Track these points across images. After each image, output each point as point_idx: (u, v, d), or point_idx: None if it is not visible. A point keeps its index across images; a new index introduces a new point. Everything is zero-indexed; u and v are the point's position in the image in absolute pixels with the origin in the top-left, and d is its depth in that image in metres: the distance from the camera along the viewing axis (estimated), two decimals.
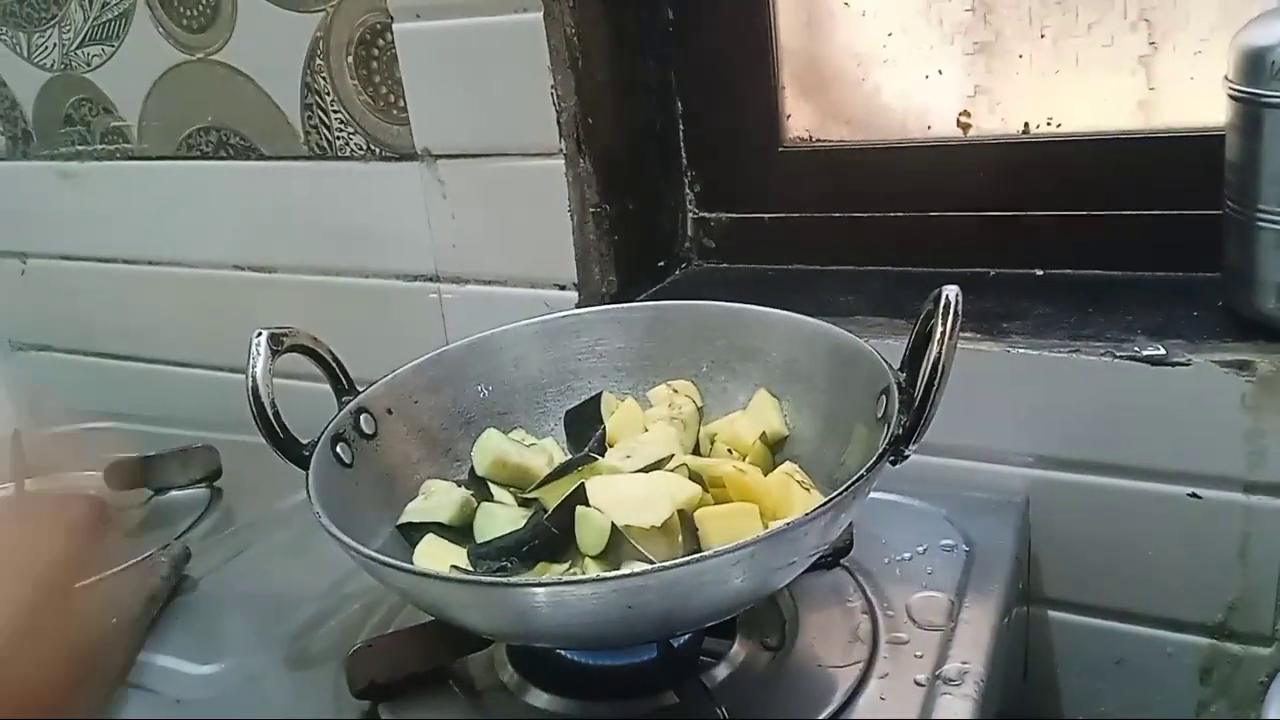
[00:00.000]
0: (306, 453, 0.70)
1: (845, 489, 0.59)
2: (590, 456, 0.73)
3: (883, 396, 0.67)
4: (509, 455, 0.76)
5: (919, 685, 0.66)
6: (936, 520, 0.82)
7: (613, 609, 0.56)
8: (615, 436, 0.78)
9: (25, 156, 1.26)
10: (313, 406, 0.74)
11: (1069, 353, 0.82)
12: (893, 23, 0.99)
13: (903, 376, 0.67)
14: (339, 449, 0.72)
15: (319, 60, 1.04)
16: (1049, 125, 0.96)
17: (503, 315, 0.85)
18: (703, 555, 0.56)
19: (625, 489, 0.67)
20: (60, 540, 0.54)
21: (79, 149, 1.22)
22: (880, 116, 1.03)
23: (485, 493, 0.75)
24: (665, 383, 0.81)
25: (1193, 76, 0.90)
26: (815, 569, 0.72)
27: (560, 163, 0.96)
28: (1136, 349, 0.80)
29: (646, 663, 0.67)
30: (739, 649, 0.70)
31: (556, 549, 0.68)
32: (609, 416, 0.80)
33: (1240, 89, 0.76)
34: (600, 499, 0.66)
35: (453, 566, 0.67)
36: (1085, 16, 0.92)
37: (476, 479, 0.77)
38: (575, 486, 0.67)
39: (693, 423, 0.79)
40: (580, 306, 0.97)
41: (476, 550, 0.69)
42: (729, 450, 0.76)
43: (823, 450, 0.74)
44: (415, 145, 1.02)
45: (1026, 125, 0.97)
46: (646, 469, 0.71)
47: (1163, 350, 0.79)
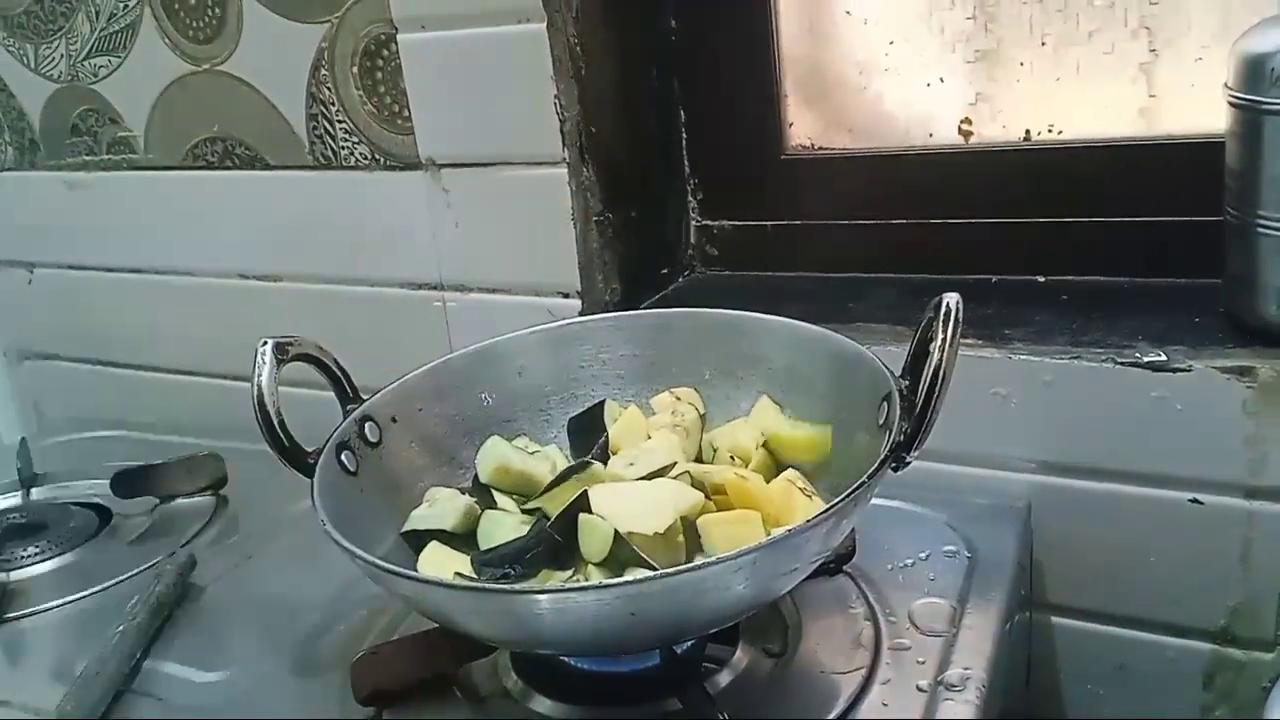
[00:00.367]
0: (311, 461, 0.70)
1: (847, 496, 0.59)
2: (586, 462, 0.73)
3: (884, 403, 0.68)
4: (513, 463, 0.76)
5: (921, 691, 0.66)
6: (938, 526, 0.82)
7: (616, 616, 0.56)
8: (618, 444, 0.78)
9: (32, 167, 1.26)
10: (318, 415, 0.74)
11: (1070, 359, 0.82)
12: (894, 31, 1.00)
13: (904, 383, 0.67)
14: (344, 457, 0.73)
15: (324, 71, 1.05)
16: (1050, 133, 0.96)
17: (506, 323, 0.86)
18: (705, 562, 0.57)
19: (628, 496, 0.68)
20: None
21: (86, 159, 1.22)
22: (882, 124, 1.03)
23: (489, 500, 0.76)
24: (668, 390, 0.82)
25: (1193, 84, 0.90)
26: (818, 575, 0.72)
27: (564, 171, 0.96)
28: (1138, 355, 0.80)
29: (650, 669, 0.67)
30: (742, 655, 0.70)
31: (560, 556, 0.68)
32: (612, 424, 0.80)
33: (1240, 96, 0.76)
34: (603, 506, 0.66)
35: (457, 574, 0.68)
36: (1086, 24, 0.92)
37: (480, 486, 0.77)
38: (578, 494, 0.67)
39: (695, 430, 0.79)
40: (584, 314, 0.97)
41: (480, 557, 0.70)
42: (731, 458, 0.76)
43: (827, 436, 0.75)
44: (420, 155, 1.02)
45: (1028, 133, 0.97)
46: (649, 476, 0.71)
47: (1164, 356, 0.79)
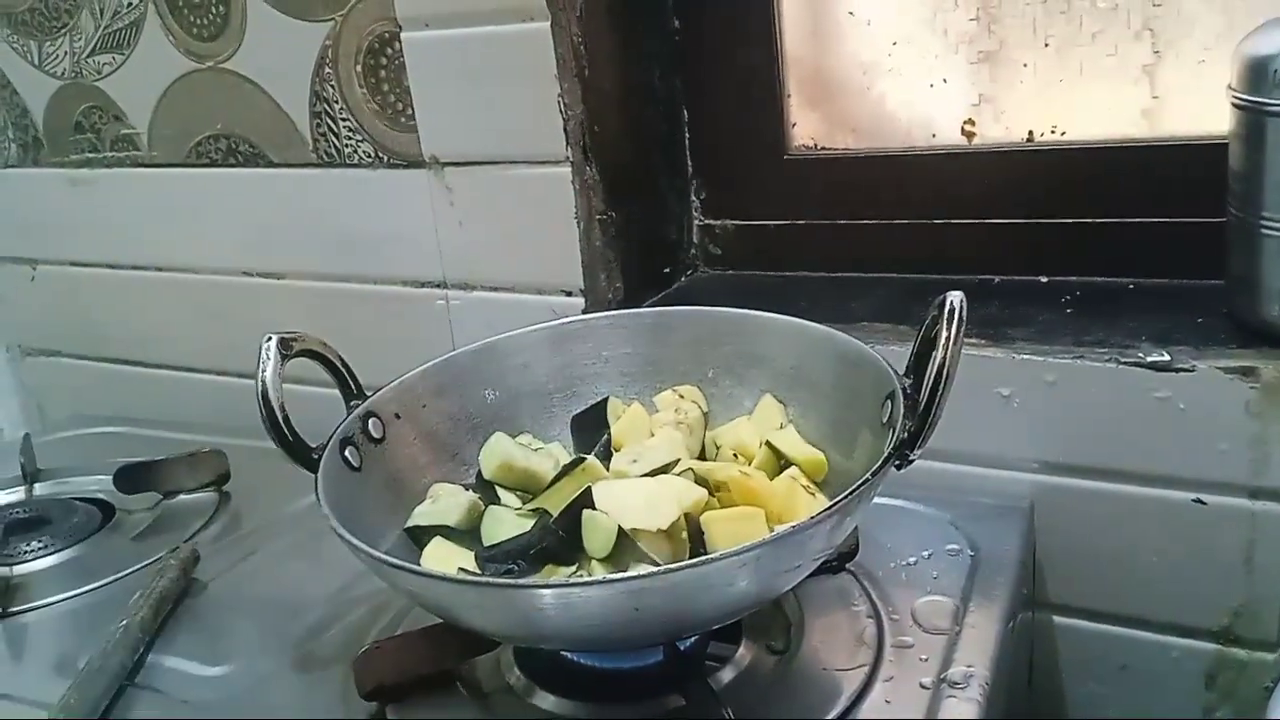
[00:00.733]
0: (315, 456, 0.70)
1: (850, 493, 0.59)
2: (581, 458, 0.73)
3: (888, 402, 0.68)
4: (516, 459, 0.76)
5: (924, 689, 0.66)
6: (942, 525, 0.82)
7: (619, 611, 0.57)
8: (621, 441, 0.78)
9: (36, 164, 1.26)
10: (321, 411, 0.74)
11: (1073, 359, 0.82)
12: (898, 32, 1.00)
13: (908, 382, 0.67)
14: (347, 453, 0.73)
15: (328, 69, 1.05)
16: (1053, 134, 0.96)
17: (509, 321, 0.86)
18: (709, 558, 0.57)
19: (632, 493, 0.68)
20: None
21: (89, 156, 1.23)
22: (885, 125, 1.04)
23: (492, 496, 0.76)
24: (671, 388, 0.82)
25: (1196, 85, 0.90)
26: (821, 573, 0.72)
27: (567, 170, 0.96)
28: (1141, 355, 0.80)
29: (652, 665, 0.67)
30: (744, 652, 0.70)
31: (563, 552, 0.68)
32: (615, 421, 0.80)
33: (1243, 97, 0.76)
34: (607, 502, 0.66)
35: (460, 569, 0.68)
36: (1089, 26, 0.93)
37: (484, 483, 0.77)
38: (582, 490, 0.67)
39: (698, 428, 0.79)
40: (586, 313, 0.97)
41: (484, 553, 0.70)
42: (734, 455, 0.76)
43: (828, 455, 0.75)
44: (423, 153, 1.02)
45: (1031, 134, 0.97)
46: (652, 473, 0.71)
47: (1167, 356, 0.79)
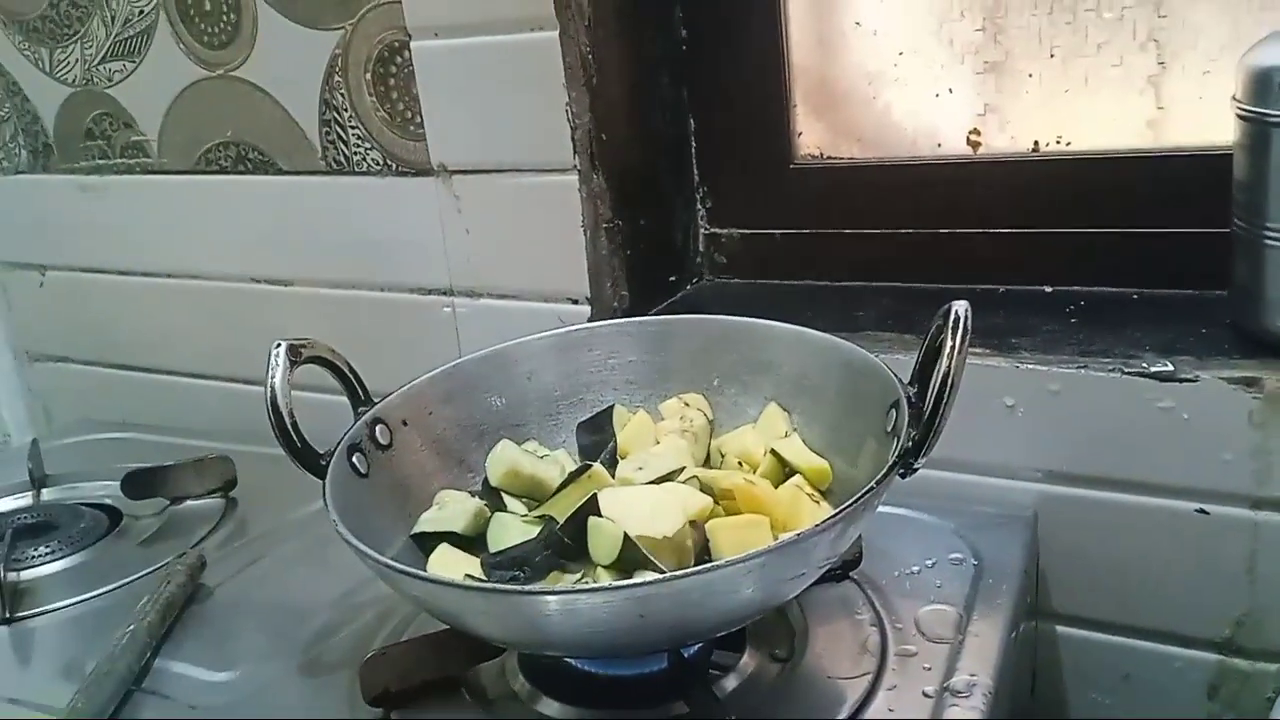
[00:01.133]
0: (323, 462, 0.71)
1: (854, 501, 0.60)
2: (587, 466, 0.74)
3: (892, 410, 0.68)
4: (523, 466, 0.77)
5: (927, 697, 0.66)
6: (945, 534, 0.83)
7: (625, 617, 0.57)
8: (627, 449, 0.79)
9: (46, 170, 1.27)
10: (329, 418, 0.75)
11: (1077, 368, 0.82)
12: (904, 42, 1.01)
13: (912, 390, 0.67)
14: (355, 459, 0.73)
15: (337, 77, 1.06)
16: (1058, 144, 0.97)
17: (516, 329, 0.86)
18: (714, 565, 0.57)
19: (637, 500, 0.68)
20: None
21: (99, 163, 1.23)
22: (891, 135, 1.04)
23: (498, 503, 0.76)
24: (676, 396, 0.82)
25: (1201, 96, 0.90)
26: (825, 581, 0.73)
27: (574, 179, 0.97)
28: (1144, 365, 0.80)
29: (657, 672, 0.67)
30: (748, 660, 0.70)
31: (569, 559, 0.68)
32: (621, 429, 0.80)
33: (1248, 109, 0.77)
34: (612, 509, 0.67)
35: (466, 575, 0.68)
36: (1095, 36, 0.93)
37: (490, 489, 0.77)
38: (588, 497, 0.67)
39: (704, 435, 0.80)
40: (592, 320, 0.98)
41: (490, 559, 0.70)
42: (739, 463, 0.77)
43: (832, 463, 0.75)
44: (431, 161, 1.03)
45: (1036, 144, 0.97)
46: (658, 481, 0.72)
47: (1170, 366, 0.80)
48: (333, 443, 0.72)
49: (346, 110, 1.06)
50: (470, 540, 0.74)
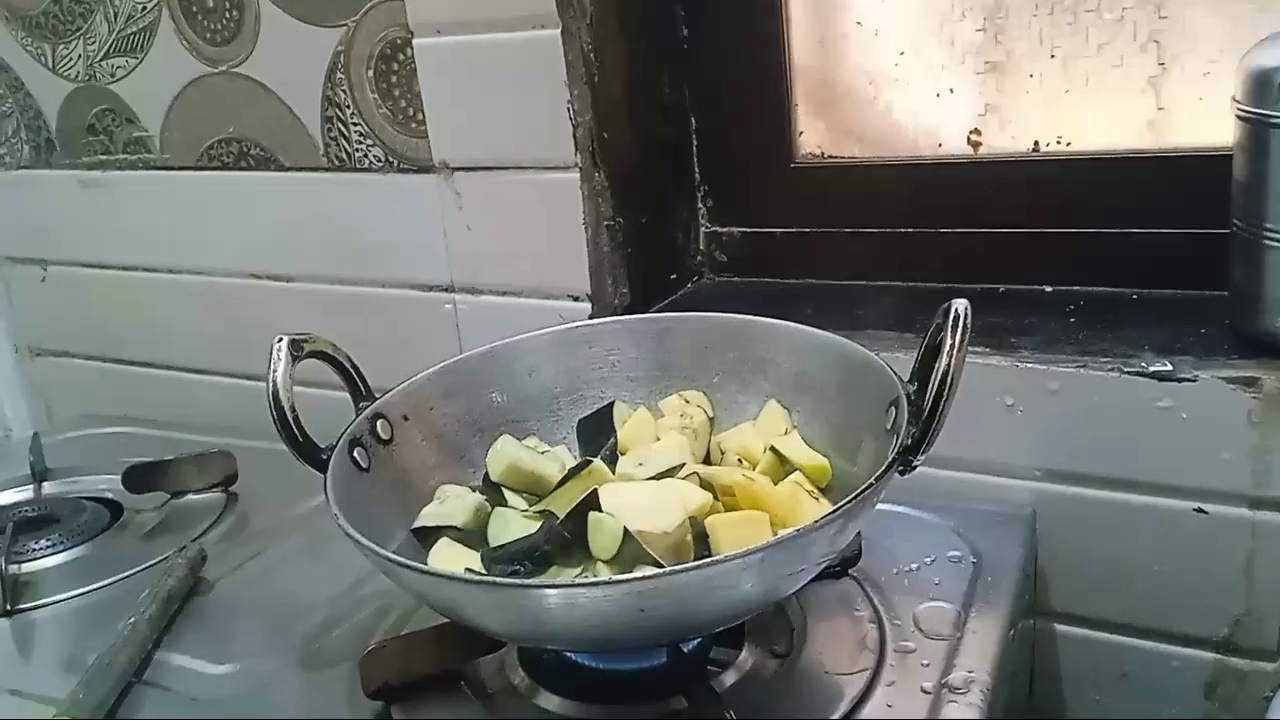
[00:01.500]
0: (324, 457, 0.71)
1: (853, 498, 0.60)
2: (587, 461, 0.74)
3: (892, 408, 0.68)
4: (523, 462, 0.77)
5: (925, 693, 0.66)
6: (944, 532, 0.83)
7: (625, 612, 0.57)
8: (627, 445, 0.79)
9: (48, 165, 1.27)
10: (329, 413, 0.75)
11: (1077, 368, 0.83)
12: (905, 42, 1.01)
13: (912, 388, 0.67)
14: (356, 454, 0.73)
15: (339, 74, 1.06)
16: (1059, 144, 0.97)
17: (516, 326, 0.87)
18: (714, 560, 0.57)
19: (637, 495, 0.68)
20: None
21: (101, 159, 1.23)
22: (892, 134, 1.04)
23: (499, 498, 0.76)
24: (677, 393, 0.82)
25: (1201, 97, 0.91)
26: (824, 578, 0.73)
27: (575, 176, 0.97)
28: (1144, 365, 0.81)
29: (656, 667, 0.68)
30: (747, 656, 0.70)
31: (569, 553, 0.68)
32: (621, 425, 0.81)
33: (1247, 110, 0.77)
34: (613, 505, 0.67)
35: (467, 569, 0.68)
36: (1095, 37, 0.93)
37: (490, 484, 0.77)
38: (588, 493, 0.67)
39: (704, 432, 0.80)
40: (593, 318, 0.98)
41: (490, 554, 0.70)
42: (739, 460, 0.77)
43: (832, 461, 0.75)
44: (433, 158, 1.03)
45: (1036, 144, 0.98)
46: (658, 477, 0.72)
47: (1170, 366, 0.80)
48: (334, 438, 0.73)
49: (349, 107, 1.07)
50: (471, 535, 0.74)
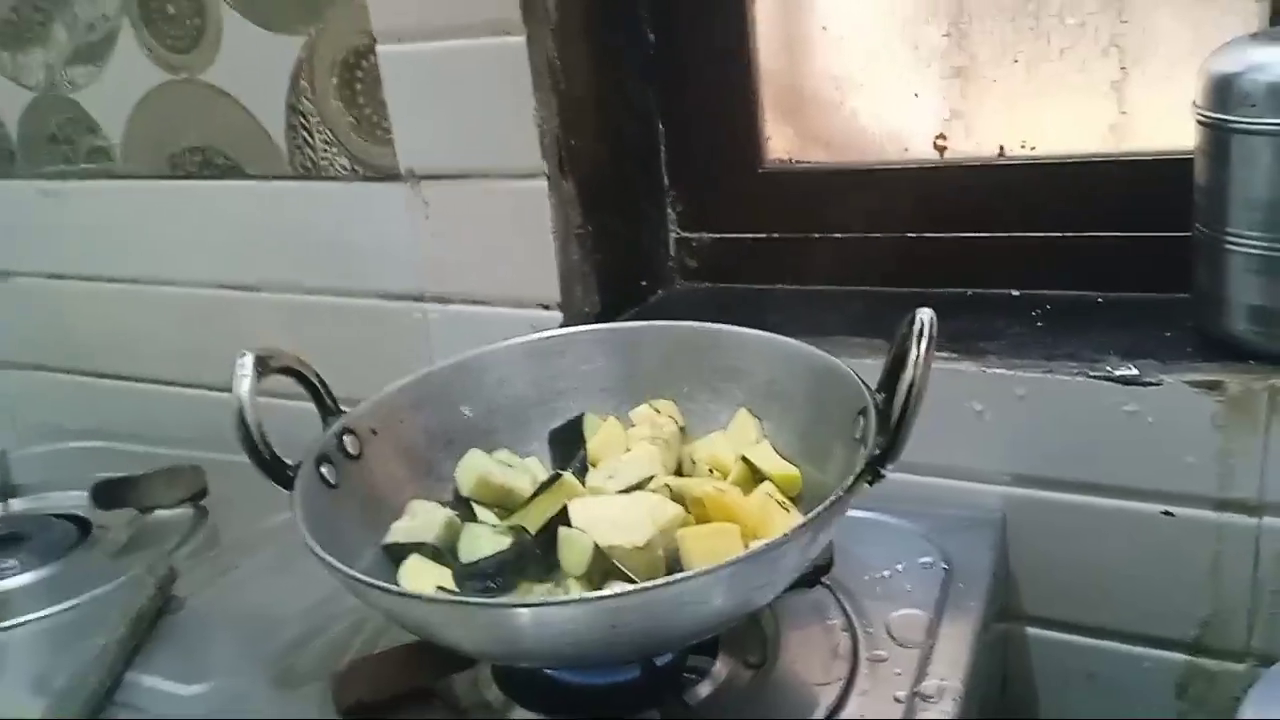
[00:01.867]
0: (291, 474, 0.70)
1: (822, 509, 0.60)
2: (557, 475, 0.74)
3: (860, 417, 0.69)
4: (493, 475, 0.77)
5: (898, 701, 0.67)
6: (915, 538, 0.83)
7: (595, 629, 0.57)
8: (598, 456, 0.79)
9: (9, 175, 1.26)
10: (298, 425, 0.74)
11: (1043, 373, 0.83)
12: (870, 47, 1.01)
13: (880, 397, 0.68)
14: (324, 470, 0.73)
15: (303, 81, 1.05)
16: (1023, 148, 0.97)
17: (487, 335, 0.86)
18: (684, 575, 0.57)
19: (607, 510, 0.68)
20: None
21: (63, 168, 1.22)
22: (858, 139, 1.04)
23: (470, 513, 0.76)
24: (647, 403, 0.82)
25: (1162, 101, 0.91)
26: (796, 587, 0.73)
27: (543, 184, 0.97)
28: (1109, 369, 0.81)
29: (629, 681, 0.68)
30: (721, 667, 0.71)
31: (541, 569, 0.69)
32: (592, 436, 0.80)
33: (1208, 114, 0.77)
34: (583, 519, 0.67)
35: (439, 587, 0.68)
36: (1058, 42, 0.94)
37: (461, 499, 0.77)
38: (559, 507, 0.67)
39: (675, 442, 0.80)
40: (564, 326, 0.98)
41: (462, 570, 0.70)
42: (710, 470, 0.77)
43: (803, 469, 0.75)
44: (399, 166, 1.03)
45: (1001, 148, 0.98)
46: (629, 489, 0.72)
47: (1135, 370, 0.80)
48: (302, 452, 0.72)
49: (313, 115, 1.06)
50: (442, 551, 0.73)
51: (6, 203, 1.27)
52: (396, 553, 0.73)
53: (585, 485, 0.75)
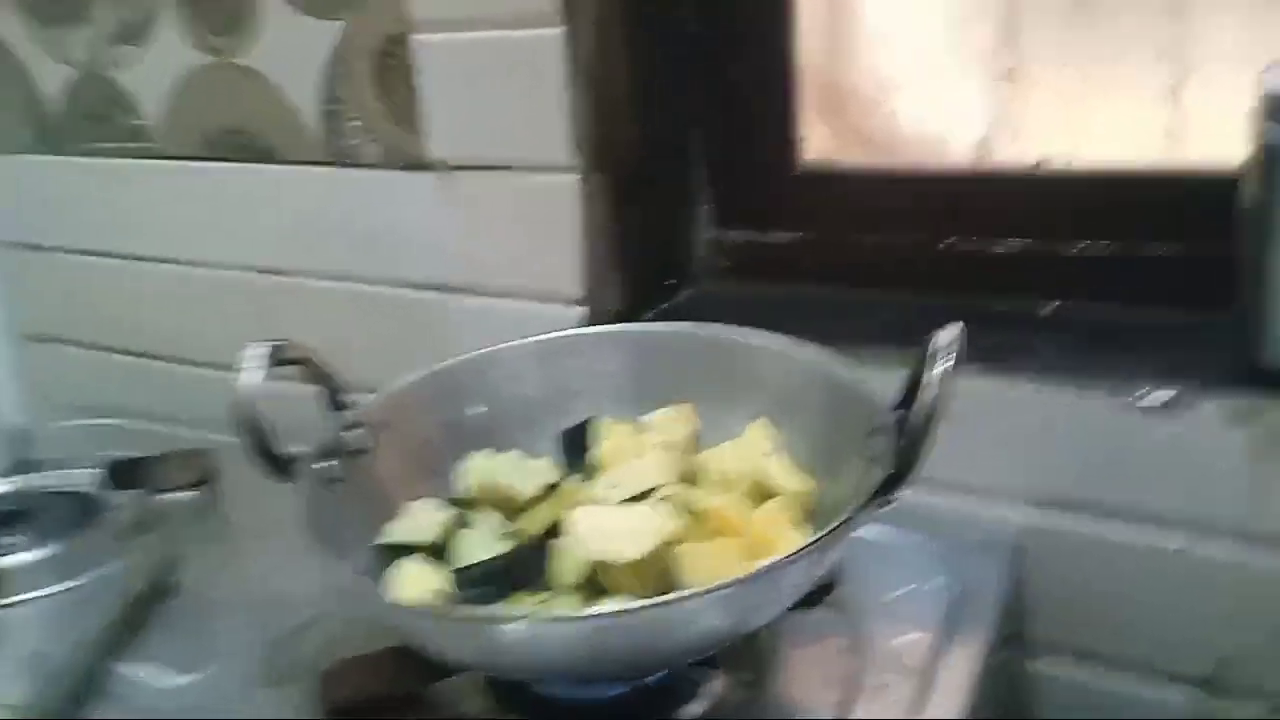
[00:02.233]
0: (295, 466, 0.70)
1: (824, 534, 0.58)
2: (559, 483, 0.72)
3: (875, 435, 0.66)
4: (498, 476, 0.75)
5: None
6: (926, 559, 0.80)
7: (584, 647, 0.56)
8: (608, 460, 0.77)
9: (48, 151, 1.26)
10: (311, 409, 0.74)
11: (1074, 393, 0.80)
12: (915, 49, 0.98)
13: (896, 416, 0.65)
14: (330, 465, 0.72)
15: (339, 67, 1.04)
16: (1068, 157, 0.94)
17: (510, 328, 0.85)
18: (678, 596, 0.56)
19: (607, 521, 0.66)
20: None
21: (101, 146, 1.22)
22: (898, 142, 1.02)
23: (472, 513, 0.75)
24: (661, 407, 0.80)
25: (1216, 114, 0.87)
26: (798, 606, 0.71)
27: (574, 178, 0.95)
28: (1142, 391, 0.78)
29: (620, 696, 0.66)
30: (717, 684, 0.69)
31: (539, 576, 0.67)
32: (603, 440, 0.79)
33: (1262, 129, 0.74)
34: (582, 529, 0.65)
35: (433, 592, 0.67)
36: (1111, 48, 0.91)
37: (464, 499, 0.76)
38: (554, 520, 0.66)
39: (687, 449, 0.78)
40: (589, 323, 0.97)
41: (458, 575, 0.69)
42: (720, 480, 0.75)
43: (817, 481, 0.73)
44: (431, 155, 1.02)
45: (1046, 156, 0.95)
46: (632, 499, 0.70)
47: (1169, 393, 0.77)
48: (309, 440, 0.71)
49: (347, 101, 1.05)
50: (441, 551, 0.72)
51: (44, 178, 1.28)
52: (395, 552, 0.72)
53: (594, 487, 0.73)
